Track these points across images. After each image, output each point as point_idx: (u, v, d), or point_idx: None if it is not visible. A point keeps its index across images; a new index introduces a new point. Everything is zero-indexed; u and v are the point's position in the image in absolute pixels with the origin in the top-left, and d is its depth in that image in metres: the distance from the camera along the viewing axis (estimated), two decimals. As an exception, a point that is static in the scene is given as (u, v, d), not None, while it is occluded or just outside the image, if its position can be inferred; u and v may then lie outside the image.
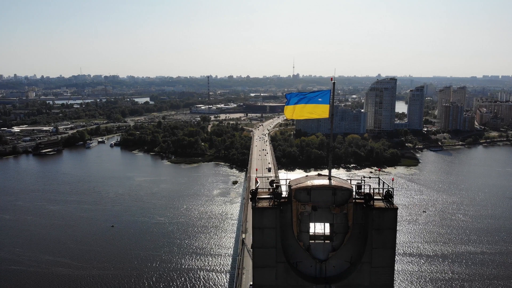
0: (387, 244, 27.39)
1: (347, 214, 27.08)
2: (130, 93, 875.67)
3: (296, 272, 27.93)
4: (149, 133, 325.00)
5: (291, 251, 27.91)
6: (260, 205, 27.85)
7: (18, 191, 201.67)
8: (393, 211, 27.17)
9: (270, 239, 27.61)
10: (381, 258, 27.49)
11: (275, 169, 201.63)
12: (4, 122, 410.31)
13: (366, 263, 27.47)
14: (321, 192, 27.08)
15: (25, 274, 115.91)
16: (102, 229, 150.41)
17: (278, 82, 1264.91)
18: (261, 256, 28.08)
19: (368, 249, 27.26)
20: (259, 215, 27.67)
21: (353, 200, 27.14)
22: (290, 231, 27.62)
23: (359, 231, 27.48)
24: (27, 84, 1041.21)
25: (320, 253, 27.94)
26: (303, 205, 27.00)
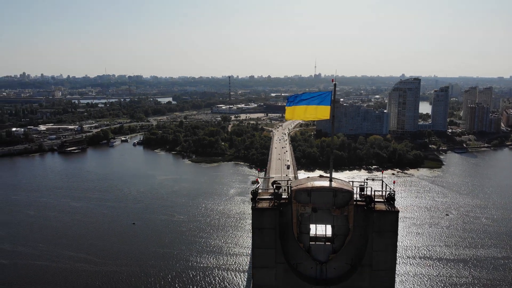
0: (388, 247, 27.02)
1: (348, 216, 26.80)
2: (153, 93, 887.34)
3: (296, 273, 27.80)
4: (171, 133, 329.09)
5: (291, 252, 27.80)
6: (260, 205, 27.88)
7: (43, 187, 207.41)
8: (394, 214, 26.81)
9: (270, 239, 27.58)
10: (382, 261, 27.14)
11: (295, 170, 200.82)
12: (31, 121, 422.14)
13: (366, 266, 27.15)
14: (322, 193, 26.91)
15: (47, 269, 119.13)
16: (124, 226, 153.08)
17: (299, 82, 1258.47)
18: (260, 257, 28.13)
19: (369, 251, 26.94)
20: (258, 216, 27.72)
21: (354, 202, 26.83)
22: (290, 232, 27.51)
23: (360, 234, 27.15)
24: (53, 83, 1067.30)
25: (320, 254, 27.74)
26: (303, 206, 26.86)
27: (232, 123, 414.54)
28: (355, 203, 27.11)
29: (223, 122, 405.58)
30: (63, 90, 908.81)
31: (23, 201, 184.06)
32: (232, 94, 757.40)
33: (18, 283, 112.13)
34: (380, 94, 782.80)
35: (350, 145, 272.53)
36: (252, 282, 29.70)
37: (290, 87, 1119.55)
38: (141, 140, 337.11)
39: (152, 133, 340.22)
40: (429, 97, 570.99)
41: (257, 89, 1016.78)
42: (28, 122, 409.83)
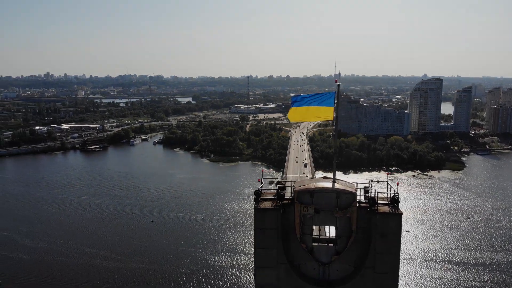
0: (391, 250, 26.67)
1: (351, 218, 26.62)
2: (173, 93, 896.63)
3: (298, 274, 27.71)
4: (190, 132, 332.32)
5: (294, 253, 27.74)
6: (262, 205, 27.92)
7: (65, 185, 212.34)
8: (398, 216, 26.45)
9: (272, 240, 27.56)
10: (385, 263, 26.81)
11: (312, 170, 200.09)
12: (54, 119, 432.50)
13: (369, 268, 26.87)
14: (324, 194, 26.78)
15: (67, 265, 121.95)
16: (142, 224, 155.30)
17: (318, 81, 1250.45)
18: (262, 257, 28.10)
19: (372, 254, 26.66)
20: (260, 216, 27.76)
21: (357, 204, 26.64)
22: (292, 232, 27.45)
23: (363, 236, 26.91)
24: (76, 83, 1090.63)
25: (323, 256, 27.60)
26: (305, 207, 26.76)
27: (250, 123, 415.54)
28: (359, 205, 26.92)
29: (241, 122, 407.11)
30: (86, 89, 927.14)
31: (45, 197, 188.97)
32: (251, 94, 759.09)
33: (38, 278, 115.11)
34: (401, 94, 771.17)
35: (369, 146, 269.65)
36: (254, 282, 29.80)
37: (309, 87, 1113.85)
38: (161, 139, 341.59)
39: (171, 133, 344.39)
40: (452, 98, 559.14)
41: (275, 89, 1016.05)
42: (52, 121, 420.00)
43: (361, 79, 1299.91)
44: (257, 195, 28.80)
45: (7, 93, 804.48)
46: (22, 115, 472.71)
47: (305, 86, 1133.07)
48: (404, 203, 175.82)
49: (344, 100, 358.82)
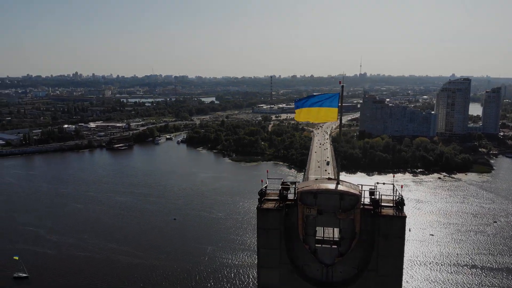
0: (394, 253, 26.35)
1: (354, 220, 26.35)
2: (198, 92, 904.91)
3: (301, 275, 27.66)
4: (213, 132, 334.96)
5: (297, 253, 27.67)
6: (265, 206, 27.94)
7: (91, 182, 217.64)
8: (401, 219, 26.09)
9: (274, 240, 27.60)
10: (388, 266, 26.49)
11: (335, 172, 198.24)
12: (82, 118, 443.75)
13: (372, 271, 26.60)
14: (327, 196, 26.64)
15: (91, 260, 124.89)
16: (165, 222, 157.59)
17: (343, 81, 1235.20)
18: (265, 257, 28.21)
19: (375, 256, 26.35)
20: (263, 216, 27.82)
21: (360, 206, 26.33)
22: (295, 233, 27.38)
23: (366, 238, 26.59)
24: (104, 83, 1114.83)
25: (326, 257, 27.45)
26: (308, 208, 26.67)
27: (272, 122, 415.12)
28: (362, 207, 26.62)
29: (263, 122, 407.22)
30: (113, 89, 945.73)
31: (72, 194, 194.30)
32: (274, 94, 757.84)
33: (63, 272, 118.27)
34: (428, 94, 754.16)
35: (394, 147, 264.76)
36: (257, 282, 29.88)
37: (333, 86, 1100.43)
38: (184, 138, 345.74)
39: (195, 132, 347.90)
40: (480, 98, 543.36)
41: (299, 89, 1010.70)
42: (79, 120, 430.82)
43: (387, 79, 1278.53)
44: (261, 195, 28.92)
45: (37, 92, 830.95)
46: (51, 113, 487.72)
47: (329, 85, 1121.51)
48: (429, 206, 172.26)
49: (369, 100, 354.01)
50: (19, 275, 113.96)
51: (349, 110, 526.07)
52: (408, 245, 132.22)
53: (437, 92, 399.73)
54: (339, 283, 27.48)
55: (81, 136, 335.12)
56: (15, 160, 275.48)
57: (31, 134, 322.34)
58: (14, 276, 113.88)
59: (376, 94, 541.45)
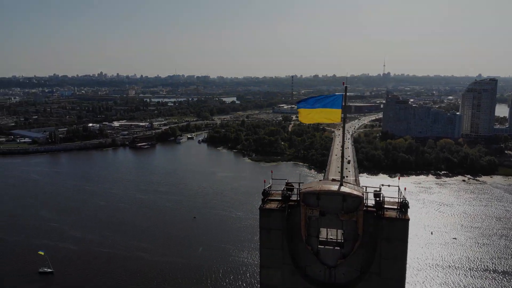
0: (397, 256, 25.97)
1: (357, 221, 26.11)
2: (219, 92, 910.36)
3: (303, 276, 27.57)
4: (233, 131, 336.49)
5: (299, 254, 27.60)
6: (267, 206, 27.98)
7: (114, 179, 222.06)
8: (404, 222, 25.68)
9: (277, 240, 27.60)
10: (391, 269, 26.12)
11: (356, 173, 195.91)
12: (106, 117, 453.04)
13: (375, 274, 26.28)
14: (330, 197, 26.48)
15: (111, 256, 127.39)
16: (185, 220, 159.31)
17: (366, 81, 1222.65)
18: (267, 257, 28.27)
19: (377, 259, 26.04)
20: (265, 216, 27.86)
21: (363, 208, 26.06)
22: (298, 234, 27.31)
23: (369, 240, 26.31)
24: (128, 83, 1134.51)
25: (329, 259, 27.28)
26: (311, 209, 26.55)
27: (293, 122, 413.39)
28: (365, 209, 26.38)
29: (283, 122, 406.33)
30: (136, 89, 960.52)
31: (95, 191, 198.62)
32: (295, 94, 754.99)
33: (85, 268, 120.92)
34: (453, 95, 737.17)
35: (418, 149, 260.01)
36: (259, 282, 29.97)
37: (356, 86, 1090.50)
38: (205, 137, 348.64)
39: (215, 132, 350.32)
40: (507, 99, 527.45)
41: (321, 89, 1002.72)
42: (103, 118, 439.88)
43: (411, 79, 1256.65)
44: (265, 195, 29.01)
45: (63, 92, 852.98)
46: (76, 112, 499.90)
47: (352, 85, 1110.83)
48: (452, 209, 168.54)
49: (392, 100, 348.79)
50: (44, 270, 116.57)
51: (371, 110, 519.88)
52: (430, 248, 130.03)
53: (463, 93, 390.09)
54: (341, 285, 27.31)
55: (105, 134, 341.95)
56: (41, 158, 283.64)
57: (57, 133, 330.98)
58: (39, 271, 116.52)
59: (400, 94, 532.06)
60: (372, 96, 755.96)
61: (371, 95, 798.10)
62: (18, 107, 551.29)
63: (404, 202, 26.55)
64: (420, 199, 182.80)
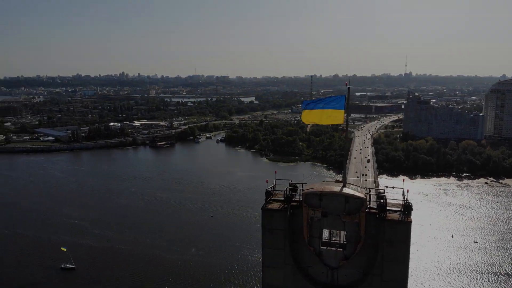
0: (399, 258, 25.77)
1: (359, 223, 26.00)
2: (238, 92, 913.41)
3: (305, 277, 27.60)
4: (251, 131, 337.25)
5: (301, 255, 27.64)
6: (269, 206, 28.18)
7: (134, 177, 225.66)
8: (406, 224, 25.46)
9: (279, 240, 27.73)
10: (393, 272, 25.95)
11: (375, 174, 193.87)
12: (127, 116, 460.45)
13: (377, 276, 26.12)
14: (332, 198, 26.47)
15: (129, 253, 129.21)
16: (202, 218, 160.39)
17: (387, 81, 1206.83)
18: (269, 257, 28.44)
19: (379, 261, 25.87)
20: (267, 216, 28.08)
21: (366, 209, 25.94)
22: (300, 235, 27.34)
23: (372, 242, 26.17)
24: (149, 82, 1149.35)
25: (331, 260, 27.25)
26: (313, 210, 26.58)
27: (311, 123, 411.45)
28: (368, 211, 26.26)
29: (302, 122, 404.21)
30: (157, 89, 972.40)
31: (115, 189, 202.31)
32: (314, 94, 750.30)
33: (105, 265, 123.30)
34: (477, 95, 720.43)
35: (439, 150, 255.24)
36: (261, 281, 30.15)
37: (377, 86, 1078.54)
38: (223, 137, 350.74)
39: (233, 131, 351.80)
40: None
41: (340, 88, 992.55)
42: (125, 118, 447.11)
43: (434, 79, 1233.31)
44: (267, 195, 29.25)
45: (86, 91, 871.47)
46: (98, 112, 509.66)
47: (372, 85, 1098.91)
48: (473, 212, 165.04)
49: (413, 100, 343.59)
50: (66, 266, 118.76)
51: (392, 111, 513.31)
52: (450, 252, 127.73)
53: (486, 93, 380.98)
54: (343, 287, 27.26)
55: (126, 133, 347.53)
56: (63, 156, 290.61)
57: (79, 131, 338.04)
58: (61, 267, 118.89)
59: (422, 95, 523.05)
60: (393, 96, 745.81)
61: (392, 95, 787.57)
62: (42, 106, 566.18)
63: (408, 205, 26.37)
64: (441, 201, 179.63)
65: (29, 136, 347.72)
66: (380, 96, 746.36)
